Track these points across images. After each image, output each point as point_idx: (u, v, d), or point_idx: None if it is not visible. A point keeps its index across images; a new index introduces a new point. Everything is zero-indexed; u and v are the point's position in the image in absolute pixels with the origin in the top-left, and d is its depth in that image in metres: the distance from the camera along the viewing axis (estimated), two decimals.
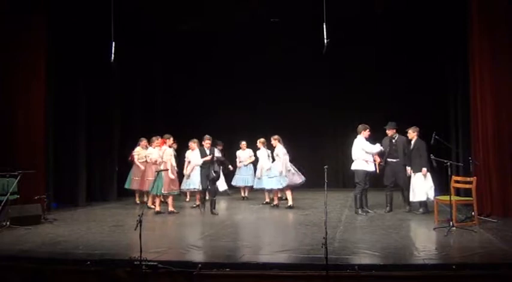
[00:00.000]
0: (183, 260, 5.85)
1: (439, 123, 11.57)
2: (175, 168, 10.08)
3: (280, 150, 10.29)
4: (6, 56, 9.57)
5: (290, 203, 10.35)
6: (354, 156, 9.39)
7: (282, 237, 7.26)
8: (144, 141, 11.19)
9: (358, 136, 9.39)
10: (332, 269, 5.17)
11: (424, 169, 8.80)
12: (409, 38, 12.45)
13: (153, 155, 10.44)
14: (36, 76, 9.76)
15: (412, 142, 9.13)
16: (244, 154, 12.11)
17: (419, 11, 11.15)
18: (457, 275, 5.20)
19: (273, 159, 10.62)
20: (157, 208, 9.82)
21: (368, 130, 9.39)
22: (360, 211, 9.17)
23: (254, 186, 11.28)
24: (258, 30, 12.57)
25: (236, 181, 12.09)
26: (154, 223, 8.75)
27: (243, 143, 12.18)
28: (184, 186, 10.61)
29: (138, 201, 11.24)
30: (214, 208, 9.54)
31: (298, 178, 10.50)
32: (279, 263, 5.65)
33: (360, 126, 9.46)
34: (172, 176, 9.73)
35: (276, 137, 10.47)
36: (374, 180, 9.84)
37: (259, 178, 10.81)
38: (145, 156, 10.88)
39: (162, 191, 9.73)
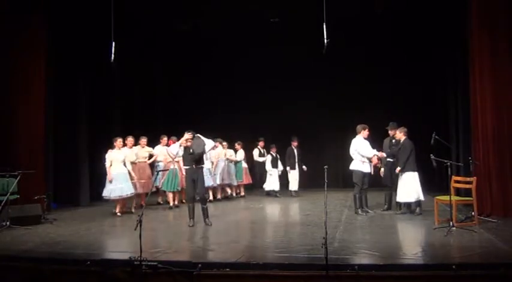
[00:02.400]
0: (183, 260, 5.85)
1: (439, 122, 11.57)
2: None
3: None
4: (6, 56, 9.58)
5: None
6: (352, 156, 9.41)
7: (282, 237, 7.25)
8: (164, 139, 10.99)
9: (357, 136, 9.40)
10: (332, 269, 5.17)
11: (398, 168, 8.83)
12: (409, 38, 12.45)
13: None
14: (36, 76, 9.78)
15: (400, 142, 9.10)
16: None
17: (419, 11, 11.15)
18: (457, 275, 5.20)
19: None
20: (172, 203, 10.58)
21: (367, 130, 9.39)
22: (359, 211, 9.17)
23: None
24: (258, 30, 12.57)
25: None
26: (154, 223, 8.74)
27: (224, 144, 12.10)
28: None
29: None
30: (207, 217, 8.36)
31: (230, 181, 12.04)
32: (279, 263, 5.64)
33: (358, 126, 9.46)
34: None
35: (218, 139, 11.48)
36: (373, 181, 9.85)
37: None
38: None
39: (178, 187, 10.53)
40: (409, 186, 8.77)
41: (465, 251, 6.14)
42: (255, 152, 13.00)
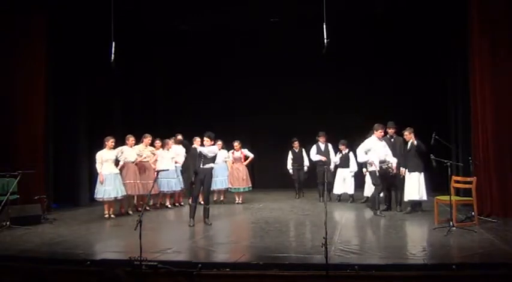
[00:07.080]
0: (183, 260, 5.86)
1: (439, 123, 11.55)
2: None
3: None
4: (6, 55, 9.59)
5: None
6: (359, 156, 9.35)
7: (282, 237, 7.25)
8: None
9: (373, 135, 9.19)
10: (332, 269, 5.16)
11: (402, 169, 8.89)
12: (409, 37, 12.43)
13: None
14: (36, 76, 9.78)
15: (409, 143, 9.09)
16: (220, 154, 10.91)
17: (420, 10, 11.15)
18: (457, 275, 5.20)
19: None
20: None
21: (381, 131, 9.13)
22: (378, 212, 8.89)
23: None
24: (258, 30, 12.56)
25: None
26: (154, 223, 8.75)
27: (219, 143, 11.17)
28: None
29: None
30: (207, 217, 8.49)
31: None
32: (279, 263, 5.63)
33: (376, 125, 9.17)
34: None
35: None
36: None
37: None
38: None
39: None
40: (414, 186, 8.86)
41: (465, 251, 6.14)
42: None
